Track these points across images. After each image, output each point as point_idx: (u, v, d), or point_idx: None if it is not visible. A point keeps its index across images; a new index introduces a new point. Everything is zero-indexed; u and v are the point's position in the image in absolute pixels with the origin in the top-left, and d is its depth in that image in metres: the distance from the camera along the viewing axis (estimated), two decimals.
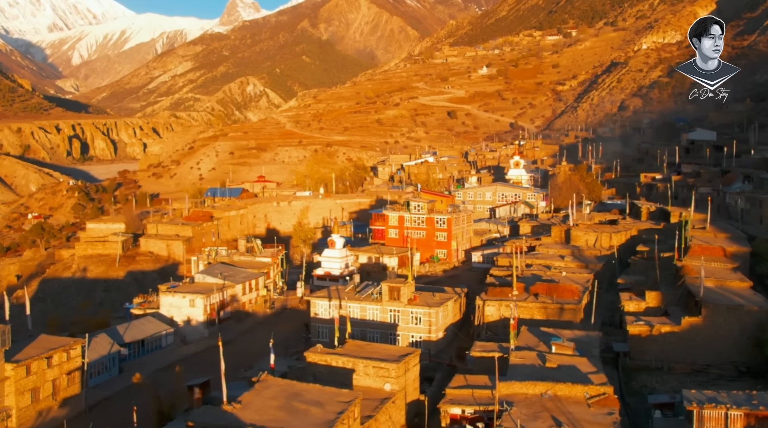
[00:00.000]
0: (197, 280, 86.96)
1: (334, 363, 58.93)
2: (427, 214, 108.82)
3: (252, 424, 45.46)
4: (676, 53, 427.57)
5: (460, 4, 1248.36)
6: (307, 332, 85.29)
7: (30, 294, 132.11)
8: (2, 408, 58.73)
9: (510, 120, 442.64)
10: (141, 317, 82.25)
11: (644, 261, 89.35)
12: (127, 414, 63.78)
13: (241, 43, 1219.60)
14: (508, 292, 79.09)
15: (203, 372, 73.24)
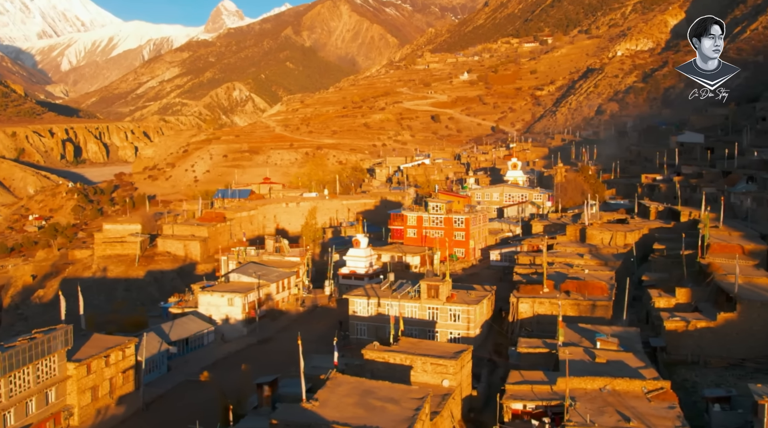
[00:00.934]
0: (232, 279, 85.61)
1: (392, 360, 57.91)
2: (445, 214, 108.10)
3: (335, 421, 44.39)
4: (649, 60, 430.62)
5: (438, 13, 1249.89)
6: (341, 329, 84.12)
7: (52, 294, 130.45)
8: (64, 406, 57.30)
9: (491, 124, 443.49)
10: (182, 315, 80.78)
11: (663, 259, 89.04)
12: (183, 411, 62.64)
13: (227, 50, 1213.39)
14: (539, 289, 78.58)
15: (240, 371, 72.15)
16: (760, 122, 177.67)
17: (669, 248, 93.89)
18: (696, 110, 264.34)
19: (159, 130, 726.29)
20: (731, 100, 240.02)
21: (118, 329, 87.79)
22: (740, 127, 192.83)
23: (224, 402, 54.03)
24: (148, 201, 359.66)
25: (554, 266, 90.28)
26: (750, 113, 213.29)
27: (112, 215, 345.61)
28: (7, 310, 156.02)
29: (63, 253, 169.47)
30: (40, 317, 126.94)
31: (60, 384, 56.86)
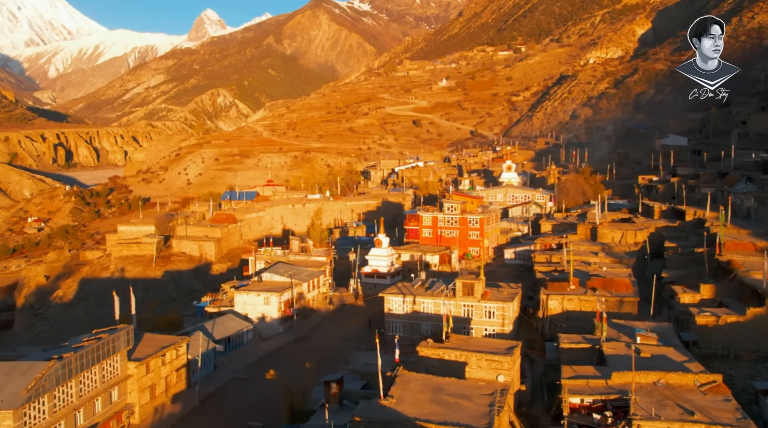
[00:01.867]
0: (265, 279, 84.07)
1: (446, 356, 56.92)
2: (460, 214, 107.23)
3: (416, 418, 43.34)
4: (619, 67, 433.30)
5: (413, 23, 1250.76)
6: (371, 327, 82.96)
7: (71, 294, 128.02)
8: (126, 405, 55.72)
9: (470, 128, 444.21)
10: (219, 314, 79.18)
11: (678, 256, 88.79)
12: (237, 408, 61.30)
13: (211, 58, 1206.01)
14: (566, 287, 77.94)
15: (289, 368, 70.85)
16: (740, 125, 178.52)
17: (679, 246, 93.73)
18: (672, 115, 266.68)
19: (147, 134, 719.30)
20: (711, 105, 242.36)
21: (152, 328, 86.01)
22: (720, 130, 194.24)
23: (288, 399, 52.72)
24: (143, 203, 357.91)
25: (572, 264, 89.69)
26: (726, 118, 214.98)
27: (109, 217, 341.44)
28: (21, 310, 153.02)
29: (74, 254, 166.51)
30: (62, 317, 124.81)
31: (122, 383, 55.30)
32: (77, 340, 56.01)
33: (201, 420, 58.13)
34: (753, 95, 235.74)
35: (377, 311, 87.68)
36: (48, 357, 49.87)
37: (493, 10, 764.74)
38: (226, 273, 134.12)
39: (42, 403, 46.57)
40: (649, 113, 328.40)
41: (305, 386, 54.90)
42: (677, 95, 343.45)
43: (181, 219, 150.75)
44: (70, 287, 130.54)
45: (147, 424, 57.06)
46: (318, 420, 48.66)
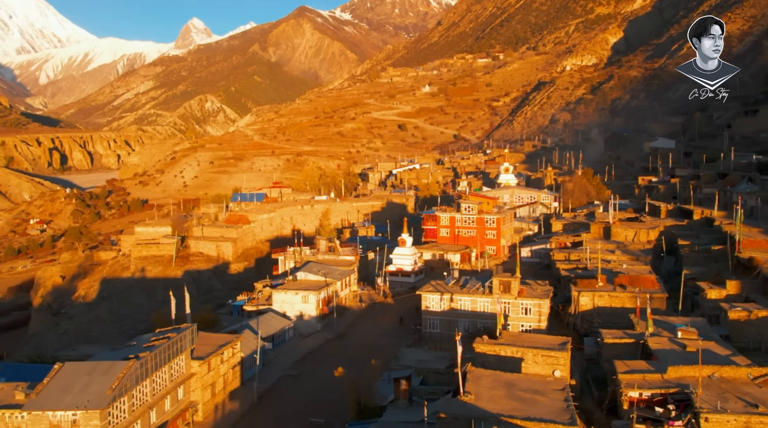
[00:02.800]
0: (299, 277, 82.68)
1: (503, 352, 55.94)
2: (477, 214, 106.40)
3: (499, 413, 42.34)
4: (595, 74, 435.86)
5: (392, 31, 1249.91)
6: (401, 325, 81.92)
7: (94, 293, 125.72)
8: (190, 403, 54.23)
9: (453, 132, 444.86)
10: (257, 313, 77.62)
11: (695, 254, 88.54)
12: (294, 404, 59.98)
13: (198, 65, 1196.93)
14: (594, 283, 77.33)
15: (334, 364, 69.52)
16: (726, 128, 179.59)
17: (694, 243, 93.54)
18: (648, 119, 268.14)
19: (139, 139, 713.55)
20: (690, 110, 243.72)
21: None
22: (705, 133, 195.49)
23: (355, 395, 51.49)
24: (142, 205, 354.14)
25: (592, 262, 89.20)
26: (707, 121, 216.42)
27: (109, 219, 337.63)
28: (39, 310, 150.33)
29: (88, 255, 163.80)
30: (85, 317, 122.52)
31: (186, 381, 53.79)
32: (144, 339, 54.48)
33: (261, 417, 56.75)
34: (731, 100, 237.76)
35: (406, 308, 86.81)
36: (123, 357, 48.35)
37: (471, 19, 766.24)
38: (243, 273, 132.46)
39: (123, 402, 45.08)
40: (625, 117, 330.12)
41: (370, 382, 53.70)
42: (652, 100, 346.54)
43: (195, 220, 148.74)
44: (92, 287, 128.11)
45: (210, 421, 55.57)
46: (391, 416, 47.50)
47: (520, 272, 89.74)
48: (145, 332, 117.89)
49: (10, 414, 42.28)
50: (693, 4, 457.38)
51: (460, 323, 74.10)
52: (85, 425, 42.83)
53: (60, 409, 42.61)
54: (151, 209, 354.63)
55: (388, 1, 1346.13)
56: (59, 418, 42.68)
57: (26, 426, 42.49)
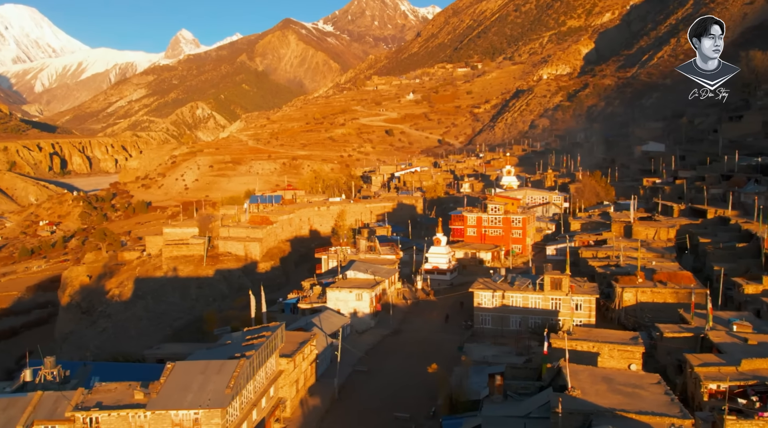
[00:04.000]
0: (349, 276, 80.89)
1: (579, 348, 54.82)
2: (503, 214, 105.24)
3: (611, 408, 41.06)
4: (570, 82, 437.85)
5: (372, 42, 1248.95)
6: (446, 322, 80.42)
7: (129, 292, 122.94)
8: (279, 399, 52.37)
9: (438, 137, 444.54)
10: (314, 310, 75.69)
11: (720, 251, 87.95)
12: (372, 399, 58.28)
13: (188, 73, 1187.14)
14: (635, 280, 76.49)
15: (397, 360, 67.98)
16: (712, 133, 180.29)
17: (714, 241, 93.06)
18: (634, 124, 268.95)
19: (135, 144, 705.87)
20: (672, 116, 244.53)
21: (242, 324, 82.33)
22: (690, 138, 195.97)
23: (447, 391, 49.99)
24: (146, 207, 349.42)
25: (621, 260, 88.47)
26: (689, 127, 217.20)
27: (116, 220, 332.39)
28: (67, 308, 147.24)
29: (112, 255, 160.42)
30: (123, 315, 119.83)
31: (277, 379, 51.91)
32: (235, 337, 52.38)
33: (345, 412, 54.95)
34: (710, 107, 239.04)
35: (449, 305, 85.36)
36: (227, 356, 46.36)
37: (449, 31, 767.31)
38: (271, 271, 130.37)
39: (236, 401, 43.23)
40: (601, 123, 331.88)
41: (461, 377, 52.18)
42: (626, 107, 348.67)
43: (219, 221, 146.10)
44: (126, 286, 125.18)
45: (297, 417, 53.70)
46: (491, 411, 45.99)
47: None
48: (182, 329, 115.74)
49: (134, 414, 40.27)
50: (661, 18, 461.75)
51: (511, 319, 72.88)
52: (207, 424, 40.92)
53: (182, 408, 40.67)
54: (155, 211, 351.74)
55: (367, 14, 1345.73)
56: (181, 417, 40.76)
57: (149, 425, 40.51)
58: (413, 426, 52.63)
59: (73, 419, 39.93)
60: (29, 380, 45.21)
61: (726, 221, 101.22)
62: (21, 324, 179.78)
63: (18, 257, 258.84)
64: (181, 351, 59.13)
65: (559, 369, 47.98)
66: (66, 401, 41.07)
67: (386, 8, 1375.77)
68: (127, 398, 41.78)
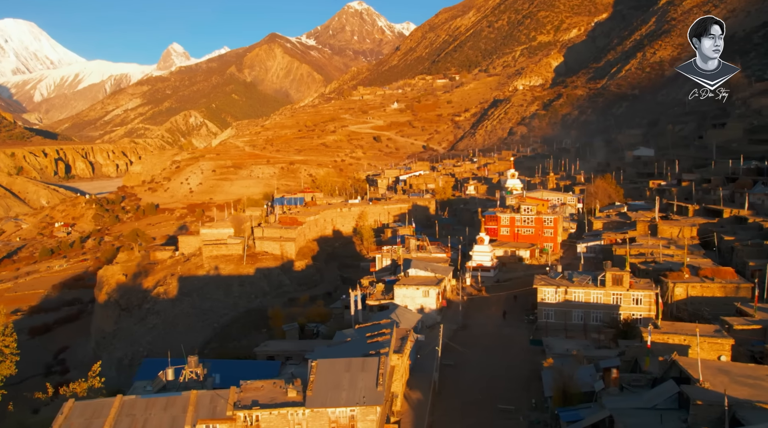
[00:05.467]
0: (411, 274, 78.90)
1: (670, 341, 53.54)
2: (536, 215, 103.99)
3: (748, 400, 39.60)
4: (544, 92, 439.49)
5: (352, 56, 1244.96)
6: (504, 318, 78.64)
7: (174, 290, 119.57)
8: (390, 393, 50.29)
9: (422, 143, 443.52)
10: (382, 307, 73.63)
11: (749, 248, 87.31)
12: (469, 392, 56.37)
13: (181, 84, 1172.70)
14: (682, 276, 75.45)
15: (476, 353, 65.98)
16: (697, 139, 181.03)
17: (737, 239, 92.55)
18: (615, 131, 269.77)
19: (134, 150, 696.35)
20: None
21: (307, 320, 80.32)
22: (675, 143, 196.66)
23: (560, 383, 48.24)
24: (155, 209, 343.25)
25: (660, 256, 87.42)
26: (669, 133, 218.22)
27: (127, 221, 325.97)
28: (105, 306, 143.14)
29: (144, 255, 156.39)
30: (171, 311, 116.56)
31: (393, 374, 49.86)
32: (348, 334, 50.26)
33: (449, 405, 53.00)
34: (686, 115, 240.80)
35: (501, 300, 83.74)
36: (361, 352, 44.26)
37: (426, 45, 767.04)
38: (306, 269, 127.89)
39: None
40: (576, 130, 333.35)
41: (572, 370, 50.49)
42: (598, 116, 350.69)
43: (249, 222, 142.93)
44: (170, 284, 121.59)
45: (406, 410, 51.60)
46: (614, 403, 44.29)
47: (577, 266, 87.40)
48: (228, 325, 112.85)
49: (294, 412, 38.00)
50: (625, 34, 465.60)
51: (574, 313, 71.52)
52: (362, 421, 38.83)
53: (339, 406, 38.53)
54: (164, 213, 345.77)
55: (347, 29, 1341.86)
56: (338, 414, 38.61)
57: (306, 423, 38.27)
58: (520, 418, 50.94)
59: (235, 418, 37.57)
60: (171, 379, 42.59)
61: (742, 220, 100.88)
62: (53, 320, 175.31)
63: (39, 257, 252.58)
64: (288, 348, 56.67)
65: (673, 361, 46.52)
66: (222, 400, 38.69)
67: (365, 24, 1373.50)
68: (280, 396, 39.53)
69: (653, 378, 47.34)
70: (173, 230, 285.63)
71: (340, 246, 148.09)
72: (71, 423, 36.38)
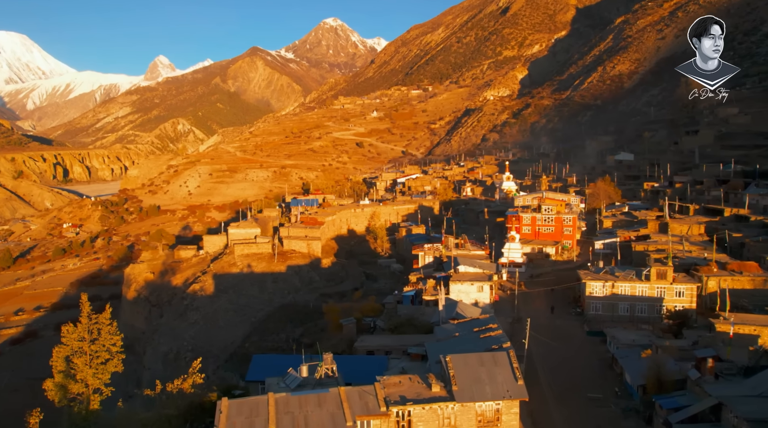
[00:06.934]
0: (461, 271, 77.31)
1: (741, 331, 52.90)
2: (556, 214, 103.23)
3: None
4: (513, 103, 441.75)
5: (327, 68, 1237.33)
6: (552, 312, 77.25)
7: (210, 288, 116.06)
8: None
9: (401, 148, 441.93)
10: (435, 302, 71.77)
11: (760, 244, 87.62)
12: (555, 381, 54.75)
13: (168, 94, 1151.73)
14: (710, 270, 75.18)
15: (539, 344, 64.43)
16: (672, 145, 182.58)
17: (744, 236, 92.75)
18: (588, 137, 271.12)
19: (128, 155, 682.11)
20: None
21: (363, 315, 78.10)
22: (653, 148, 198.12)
23: (655, 372, 46.98)
24: (157, 210, 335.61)
25: (675, 252, 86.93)
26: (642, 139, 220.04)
27: (132, 222, 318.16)
28: (135, 302, 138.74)
29: (169, 253, 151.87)
30: (210, 307, 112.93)
31: None
32: (448, 330, 48.39)
33: (541, 395, 51.40)
34: (653, 123, 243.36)
35: (541, 294, 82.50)
36: (484, 347, 42.43)
37: (399, 59, 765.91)
38: (332, 266, 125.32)
39: None
40: (546, 136, 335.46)
41: (665, 360, 49.25)
42: (564, 124, 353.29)
43: (270, 222, 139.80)
44: (205, 282, 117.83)
45: None
46: (718, 391, 43.24)
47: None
48: (265, 320, 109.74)
49: (444, 406, 36.07)
50: (585, 49, 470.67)
51: (620, 305, 70.67)
52: (507, 413, 37.09)
53: (486, 399, 36.71)
54: (165, 214, 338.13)
55: (323, 44, 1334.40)
56: (484, 408, 36.78)
57: (455, 417, 36.38)
58: (611, 406, 49.70)
59: (389, 413, 35.48)
60: (306, 375, 40.23)
61: (742, 218, 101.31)
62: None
63: (52, 256, 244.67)
64: (387, 343, 54.38)
65: (765, 350, 45.78)
66: (370, 396, 36.53)
67: (339, 39, 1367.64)
68: (424, 391, 37.56)
69: (744, 367, 46.54)
70: (177, 229, 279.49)
71: (355, 244, 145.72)
72: (234, 422, 33.92)
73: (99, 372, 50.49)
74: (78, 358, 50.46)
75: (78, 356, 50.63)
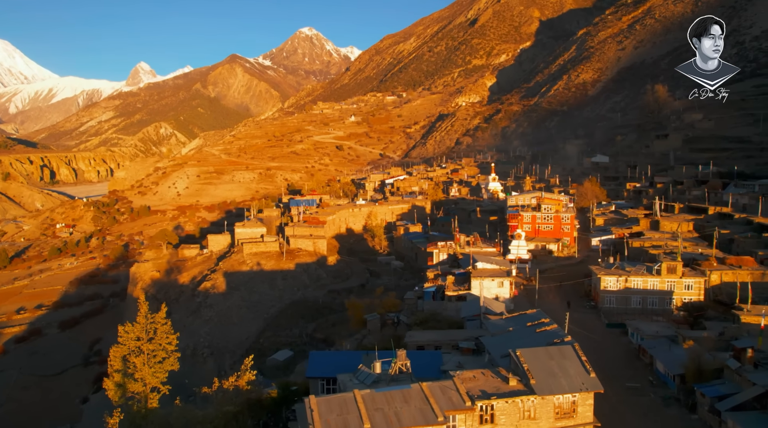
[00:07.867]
0: (479, 267, 76.55)
1: (766, 322, 52.97)
2: (554, 213, 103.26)
3: None
4: (484, 108, 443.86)
5: (303, 75, 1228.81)
6: (569, 307, 76.89)
7: (222, 285, 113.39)
8: None
9: (379, 151, 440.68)
10: (462, 298, 71.08)
11: (749, 240, 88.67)
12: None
13: (150, 98, 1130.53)
14: (710, 264, 75.71)
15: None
16: (644, 148, 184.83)
17: (732, 232, 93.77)
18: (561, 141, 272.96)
19: (113, 158, 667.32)
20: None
21: (385, 310, 76.91)
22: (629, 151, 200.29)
23: (696, 362, 46.81)
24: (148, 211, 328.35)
25: (671, 248, 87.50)
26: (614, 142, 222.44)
27: (123, 222, 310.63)
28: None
29: (173, 252, 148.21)
30: (224, 304, 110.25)
31: None
32: (499, 325, 47.58)
33: None
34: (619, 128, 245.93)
35: (553, 289, 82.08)
36: (545, 341, 41.61)
37: (373, 67, 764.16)
38: (337, 264, 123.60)
39: None
40: (517, 140, 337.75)
41: (699, 351, 49.10)
42: (534, 128, 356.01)
43: (273, 221, 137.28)
44: (218, 279, 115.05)
45: None
46: (764, 380, 43.07)
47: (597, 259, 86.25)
48: (277, 316, 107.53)
49: (524, 400, 35.13)
50: (550, 59, 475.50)
51: (632, 299, 70.70)
52: (582, 405, 36.35)
53: (564, 392, 35.89)
54: (156, 214, 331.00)
55: (299, 52, 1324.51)
56: (561, 401, 35.95)
57: (534, 410, 35.47)
58: (650, 395, 49.41)
59: (474, 407, 34.39)
60: (379, 371, 38.85)
61: (726, 216, 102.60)
62: (80, 314, 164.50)
63: (48, 256, 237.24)
64: (436, 338, 53.12)
65: None
66: (451, 390, 35.38)
67: (314, 47, 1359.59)
68: (502, 385, 36.55)
69: None
70: (170, 229, 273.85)
71: (355, 242, 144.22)
72: (327, 420, 32.43)
73: (156, 370, 48.39)
74: (136, 357, 48.22)
75: (135, 355, 48.39)
